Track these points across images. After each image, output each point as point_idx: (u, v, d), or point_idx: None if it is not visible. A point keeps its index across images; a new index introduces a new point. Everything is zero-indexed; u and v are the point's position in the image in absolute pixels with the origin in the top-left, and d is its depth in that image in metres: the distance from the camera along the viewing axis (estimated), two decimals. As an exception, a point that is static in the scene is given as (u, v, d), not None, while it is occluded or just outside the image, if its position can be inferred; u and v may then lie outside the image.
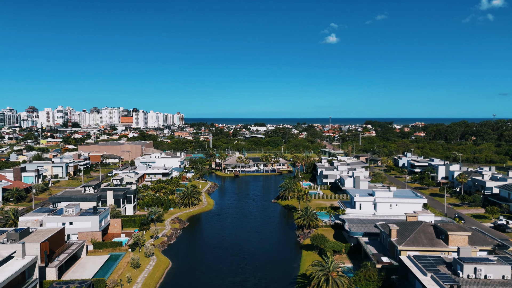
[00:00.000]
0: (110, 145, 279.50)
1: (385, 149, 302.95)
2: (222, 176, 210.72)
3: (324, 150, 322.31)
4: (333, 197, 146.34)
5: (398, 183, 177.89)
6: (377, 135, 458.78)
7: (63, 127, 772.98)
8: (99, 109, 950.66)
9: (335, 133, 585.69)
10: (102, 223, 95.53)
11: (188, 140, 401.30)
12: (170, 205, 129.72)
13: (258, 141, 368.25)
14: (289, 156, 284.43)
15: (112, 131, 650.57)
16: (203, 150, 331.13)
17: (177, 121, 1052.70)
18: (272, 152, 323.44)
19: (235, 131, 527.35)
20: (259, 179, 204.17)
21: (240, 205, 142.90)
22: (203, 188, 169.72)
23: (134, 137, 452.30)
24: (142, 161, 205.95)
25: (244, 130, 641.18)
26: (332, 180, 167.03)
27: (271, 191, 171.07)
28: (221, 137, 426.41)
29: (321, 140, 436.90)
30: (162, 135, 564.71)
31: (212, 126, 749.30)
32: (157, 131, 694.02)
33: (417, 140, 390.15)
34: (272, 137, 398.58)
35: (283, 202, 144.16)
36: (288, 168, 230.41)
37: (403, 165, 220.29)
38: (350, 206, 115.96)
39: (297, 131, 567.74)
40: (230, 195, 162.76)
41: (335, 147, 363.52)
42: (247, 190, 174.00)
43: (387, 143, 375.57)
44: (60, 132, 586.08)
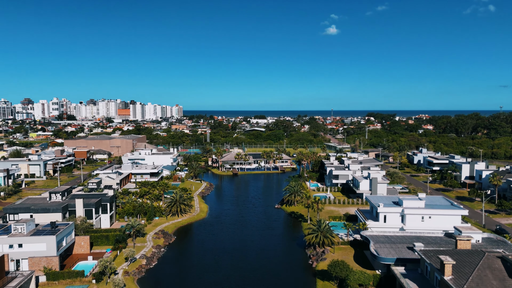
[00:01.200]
0: (99, 139, 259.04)
1: (394, 143, 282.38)
2: (219, 175, 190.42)
3: (329, 144, 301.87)
4: (347, 202, 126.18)
5: (417, 184, 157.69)
6: (383, 128, 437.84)
7: (58, 119, 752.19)
8: (96, 101, 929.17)
9: (338, 125, 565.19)
10: (62, 244, 75.39)
11: (184, 134, 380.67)
12: (155, 213, 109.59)
13: (258, 135, 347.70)
14: (292, 151, 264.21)
15: (107, 123, 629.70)
16: (200, 144, 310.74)
17: (175, 113, 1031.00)
18: (273, 146, 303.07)
19: (234, 124, 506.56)
20: (260, 178, 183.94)
21: (238, 212, 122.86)
22: (197, 190, 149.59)
23: (128, 130, 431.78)
24: (130, 158, 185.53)
25: (243, 123, 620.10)
26: (344, 180, 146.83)
27: (274, 192, 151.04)
28: (219, 130, 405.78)
29: (325, 134, 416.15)
30: (159, 128, 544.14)
31: (211, 119, 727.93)
32: (154, 123, 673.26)
33: (426, 134, 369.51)
34: (273, 130, 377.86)
35: (288, 208, 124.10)
36: (291, 165, 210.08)
37: (418, 162, 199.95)
38: (371, 217, 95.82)
39: (298, 123, 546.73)
40: (227, 198, 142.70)
41: (340, 141, 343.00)
42: (246, 192, 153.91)
43: (394, 136, 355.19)
44: (53, 125, 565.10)
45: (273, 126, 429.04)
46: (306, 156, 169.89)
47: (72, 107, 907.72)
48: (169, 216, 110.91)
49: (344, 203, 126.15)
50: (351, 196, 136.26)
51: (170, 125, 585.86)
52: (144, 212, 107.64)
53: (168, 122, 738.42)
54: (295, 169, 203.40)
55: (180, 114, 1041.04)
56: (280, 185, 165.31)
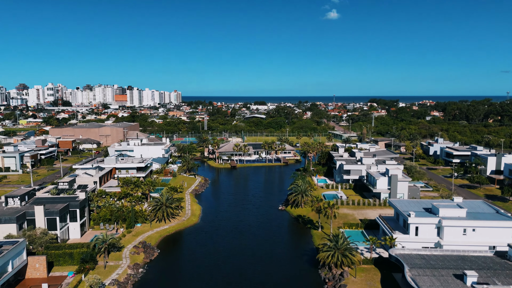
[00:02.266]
0: (88, 127, 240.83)
1: (404, 131, 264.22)
2: (216, 168, 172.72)
3: (334, 132, 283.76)
4: (362, 202, 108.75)
5: (438, 179, 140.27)
6: (388, 115, 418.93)
7: (53, 105, 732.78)
8: (92, 87, 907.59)
9: (340, 112, 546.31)
10: (7, 270, 58.24)
11: (181, 121, 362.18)
12: (137, 219, 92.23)
13: (258, 122, 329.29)
14: (295, 140, 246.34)
15: (102, 110, 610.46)
16: (197, 132, 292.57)
17: (174, 99, 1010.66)
18: (274, 135, 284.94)
19: (233, 111, 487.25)
20: (261, 171, 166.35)
21: (236, 214, 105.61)
22: (190, 186, 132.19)
23: (122, 117, 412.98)
24: (117, 149, 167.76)
25: (243, 109, 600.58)
26: (356, 176, 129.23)
27: (277, 189, 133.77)
28: (218, 118, 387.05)
29: (328, 121, 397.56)
30: (156, 114, 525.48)
31: (210, 105, 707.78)
32: (151, 110, 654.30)
33: (435, 121, 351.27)
34: (274, 117, 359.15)
35: (294, 210, 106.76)
36: (295, 156, 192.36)
37: (434, 153, 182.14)
38: (397, 226, 78.53)
39: (299, 110, 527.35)
40: (224, 197, 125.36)
41: (345, 129, 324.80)
42: (246, 188, 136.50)
43: (402, 124, 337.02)
44: (45, 111, 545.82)
45: (274, 112, 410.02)
46: (312, 148, 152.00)
47: (68, 92, 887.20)
48: (154, 222, 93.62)
49: (359, 204, 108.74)
50: (366, 195, 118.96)
51: (168, 112, 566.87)
52: (124, 218, 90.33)
53: (166, 108, 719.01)
54: (299, 161, 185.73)
55: (178, 100, 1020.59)
56: (283, 180, 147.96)
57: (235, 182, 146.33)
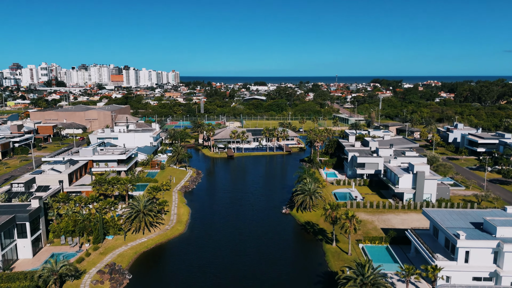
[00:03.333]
0: (73, 110, 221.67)
1: (416, 115, 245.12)
2: (211, 158, 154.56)
3: (339, 116, 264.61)
4: (381, 205, 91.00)
5: (464, 173, 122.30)
6: (395, 96, 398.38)
7: (47, 85, 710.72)
8: (87, 66, 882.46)
9: (344, 93, 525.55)
10: None
11: (177, 103, 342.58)
12: (107, 231, 74.66)
13: (258, 105, 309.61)
14: (298, 125, 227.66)
15: (96, 90, 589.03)
16: (192, 116, 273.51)
17: (172, 79, 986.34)
18: (276, 118, 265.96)
19: (232, 92, 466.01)
20: (261, 162, 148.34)
21: (231, 220, 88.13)
22: (179, 182, 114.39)
23: (116, 98, 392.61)
24: (100, 136, 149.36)
25: (243, 90, 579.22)
26: (371, 171, 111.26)
27: (279, 185, 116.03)
28: (215, 99, 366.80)
29: (331, 103, 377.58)
30: (152, 95, 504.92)
31: (209, 85, 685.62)
32: (148, 90, 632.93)
33: (445, 103, 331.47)
34: (275, 99, 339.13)
35: (301, 215, 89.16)
36: (299, 143, 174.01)
37: (454, 140, 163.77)
38: (434, 245, 61.05)
39: (301, 91, 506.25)
40: (219, 195, 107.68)
41: (350, 112, 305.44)
42: (244, 183, 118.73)
43: (411, 106, 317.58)
44: (37, 92, 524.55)
45: (274, 94, 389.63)
46: (319, 135, 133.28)
47: (62, 72, 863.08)
48: (129, 233, 76.09)
49: (378, 207, 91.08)
50: (384, 193, 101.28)
51: (164, 93, 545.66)
52: (90, 230, 72.76)
53: (163, 89, 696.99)
54: (303, 149, 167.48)
55: (177, 80, 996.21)
56: (286, 173, 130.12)
57: (232, 176, 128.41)
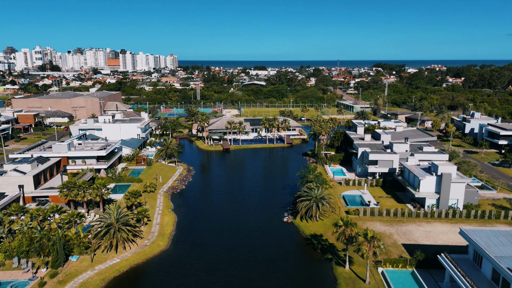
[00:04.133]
0: (60, 97, 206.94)
1: (425, 102, 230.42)
2: (205, 151, 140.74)
3: (343, 102, 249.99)
4: (401, 213, 77.66)
5: (489, 170, 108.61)
6: (400, 82, 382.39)
7: (41, 70, 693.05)
8: (83, 50, 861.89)
9: (346, 78, 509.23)
10: None
11: (173, 89, 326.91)
12: (71, 250, 61.45)
13: (258, 91, 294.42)
14: (300, 113, 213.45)
15: (91, 75, 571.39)
16: (188, 103, 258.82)
17: (170, 64, 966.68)
18: (276, 106, 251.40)
19: (231, 77, 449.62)
20: (260, 156, 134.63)
21: (224, 230, 74.86)
22: (167, 181, 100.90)
23: (109, 83, 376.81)
24: (82, 127, 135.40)
25: (242, 75, 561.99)
26: (385, 169, 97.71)
27: (280, 183, 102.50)
28: (213, 85, 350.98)
29: (334, 88, 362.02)
30: (149, 81, 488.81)
31: (207, 70, 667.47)
32: (145, 75, 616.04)
33: (454, 88, 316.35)
34: (276, 85, 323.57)
35: (306, 225, 75.81)
36: (301, 134, 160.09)
37: (471, 131, 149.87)
38: (477, 276, 47.87)
39: (302, 75, 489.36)
40: (211, 197, 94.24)
41: (355, 98, 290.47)
42: (240, 182, 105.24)
43: (418, 92, 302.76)
44: (29, 77, 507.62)
45: (275, 79, 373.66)
46: (325, 129, 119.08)
47: (57, 56, 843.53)
48: (99, 252, 62.89)
49: (396, 214, 77.74)
50: (400, 196, 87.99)
51: (161, 78, 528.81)
52: (48, 250, 59.56)
53: (160, 73, 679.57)
54: (305, 140, 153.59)
55: (175, 64, 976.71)
56: (288, 169, 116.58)
57: (227, 173, 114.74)
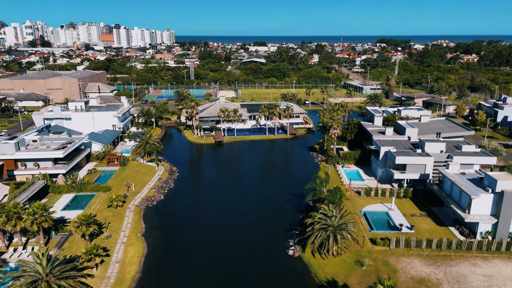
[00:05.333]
0: (34, 78, 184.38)
1: (441, 82, 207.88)
2: (194, 144, 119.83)
3: (350, 83, 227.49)
4: (446, 244, 57.79)
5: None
6: (410, 59, 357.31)
7: (32, 46, 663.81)
8: (76, 25, 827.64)
9: (350, 55, 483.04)
10: None
11: (165, 67, 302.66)
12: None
13: (257, 69, 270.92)
14: (304, 95, 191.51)
15: (82, 51, 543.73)
16: (180, 83, 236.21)
17: (166, 39, 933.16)
18: (277, 86, 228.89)
19: (229, 53, 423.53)
20: (259, 150, 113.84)
21: (210, 266, 55.11)
22: (141, 188, 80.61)
23: (97, 61, 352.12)
24: (47, 116, 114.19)
25: (241, 51, 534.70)
26: (415, 175, 77.48)
27: (283, 190, 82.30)
28: (209, 62, 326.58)
29: (339, 66, 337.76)
30: (142, 57, 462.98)
31: (205, 46, 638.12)
32: (139, 51, 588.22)
33: (468, 66, 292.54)
34: (276, 63, 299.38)
35: (319, 263, 55.73)
36: (306, 123, 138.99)
37: (504, 119, 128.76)
38: None
39: (304, 52, 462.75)
40: (194, 212, 74.03)
41: (363, 78, 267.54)
42: (234, 189, 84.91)
43: (428, 69, 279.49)
44: (16, 53, 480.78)
45: (275, 56, 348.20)
46: (337, 120, 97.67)
47: (49, 31, 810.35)
48: (22, 320, 43.19)
49: (439, 246, 57.80)
50: (436, 212, 67.94)
51: (155, 54, 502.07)
52: None
53: (156, 49, 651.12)
54: (311, 130, 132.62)
55: (172, 40, 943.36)
56: (292, 170, 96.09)
57: (218, 175, 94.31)
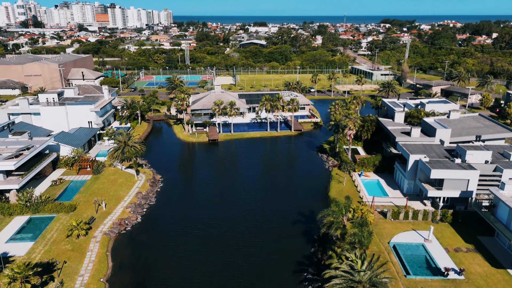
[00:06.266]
0: (11, 63, 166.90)
1: (459, 67, 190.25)
2: (184, 143, 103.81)
3: (358, 68, 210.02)
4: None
5: None
6: (421, 41, 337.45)
7: (23, 26, 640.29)
8: (69, 4, 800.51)
9: (354, 36, 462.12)
10: None
11: (159, 50, 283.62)
12: None
13: (258, 52, 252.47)
14: (308, 82, 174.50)
15: (75, 32, 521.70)
16: (174, 68, 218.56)
17: (164, 19, 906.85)
18: (279, 71, 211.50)
19: (227, 35, 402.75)
20: (259, 151, 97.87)
21: None
22: (113, 208, 65.10)
23: (88, 43, 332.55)
24: (12, 111, 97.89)
25: (240, 32, 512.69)
26: (455, 192, 61.96)
27: (290, 212, 66.79)
28: (206, 44, 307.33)
29: (344, 48, 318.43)
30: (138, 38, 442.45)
31: (204, 26, 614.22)
32: (134, 32, 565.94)
33: (483, 49, 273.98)
34: (278, 45, 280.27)
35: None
36: (312, 116, 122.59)
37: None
38: None
39: (306, 33, 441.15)
40: (179, 243, 58.78)
41: (372, 63, 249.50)
42: (231, 205, 69.56)
43: (440, 52, 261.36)
44: (4, 34, 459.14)
45: (276, 37, 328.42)
46: (354, 119, 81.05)
47: (42, 11, 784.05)
48: None
49: (503, 306, 42.81)
50: (492, 250, 52.66)
51: (151, 35, 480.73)
52: None
53: (153, 30, 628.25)
54: (318, 125, 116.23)
55: (169, 20, 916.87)
56: (299, 181, 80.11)
57: (210, 187, 78.65)
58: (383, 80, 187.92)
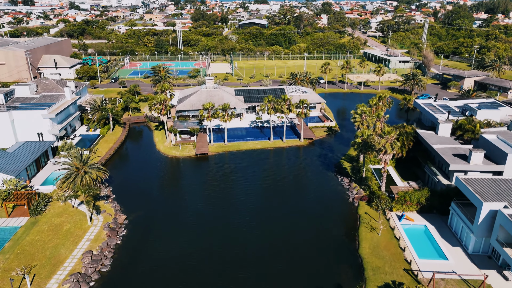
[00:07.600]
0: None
1: (490, 54, 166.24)
2: (165, 158, 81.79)
3: (372, 53, 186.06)
4: None
5: None
6: (437, 21, 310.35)
7: (12, 4, 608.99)
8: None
9: (361, 15, 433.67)
10: None
11: (150, 31, 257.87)
12: None
13: (258, 33, 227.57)
14: (316, 72, 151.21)
15: (64, 10, 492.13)
16: (164, 53, 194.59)
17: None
18: (282, 57, 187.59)
19: (226, 14, 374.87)
20: (260, 172, 75.82)
21: None
22: (44, 283, 44.24)
23: (75, 23, 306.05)
24: None
25: (240, 10, 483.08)
26: (558, 268, 40.64)
27: (299, 277, 46.10)
28: (202, 25, 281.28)
29: (353, 30, 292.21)
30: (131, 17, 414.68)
31: (202, 4, 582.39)
32: (128, 11, 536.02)
33: (506, 30, 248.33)
34: (281, 26, 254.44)
35: None
36: (324, 119, 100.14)
37: None
38: None
39: (311, 12, 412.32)
40: None
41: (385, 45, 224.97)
42: (223, 282, 48.60)
43: (459, 34, 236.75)
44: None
45: (279, 17, 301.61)
46: (390, 139, 58.64)
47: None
48: None
49: None
50: None
51: (144, 14, 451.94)
52: None
53: (147, 9, 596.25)
54: (333, 130, 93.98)
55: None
56: (312, 222, 58.17)
57: (194, 237, 57.36)
58: (401, 68, 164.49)
